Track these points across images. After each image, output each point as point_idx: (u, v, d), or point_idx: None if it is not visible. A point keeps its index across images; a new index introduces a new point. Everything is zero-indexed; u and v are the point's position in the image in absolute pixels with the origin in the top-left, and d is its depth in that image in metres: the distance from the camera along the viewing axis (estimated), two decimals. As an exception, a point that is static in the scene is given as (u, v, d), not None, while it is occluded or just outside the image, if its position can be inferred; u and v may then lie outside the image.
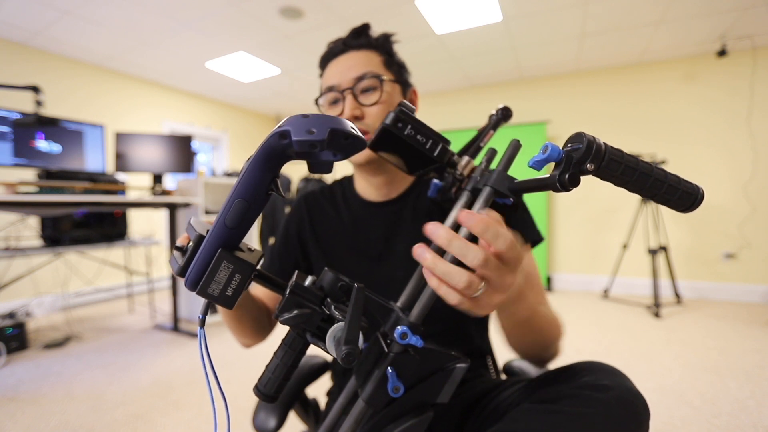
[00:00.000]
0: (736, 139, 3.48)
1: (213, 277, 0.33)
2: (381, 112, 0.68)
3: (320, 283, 0.39)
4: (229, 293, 0.34)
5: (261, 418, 0.68)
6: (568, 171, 0.34)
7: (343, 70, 0.68)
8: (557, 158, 0.34)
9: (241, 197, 0.33)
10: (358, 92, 0.68)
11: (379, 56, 0.70)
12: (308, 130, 0.29)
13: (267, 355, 0.42)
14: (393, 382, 0.38)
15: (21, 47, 3.25)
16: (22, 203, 1.98)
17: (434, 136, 0.44)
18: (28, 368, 2.16)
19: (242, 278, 0.34)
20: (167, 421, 1.64)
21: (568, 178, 0.34)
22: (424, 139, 0.43)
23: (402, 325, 0.38)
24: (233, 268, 0.33)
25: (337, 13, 2.86)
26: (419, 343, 0.38)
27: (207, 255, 0.33)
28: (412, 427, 0.39)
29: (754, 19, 2.93)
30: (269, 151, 0.32)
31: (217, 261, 0.33)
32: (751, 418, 1.58)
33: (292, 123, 0.30)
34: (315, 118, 0.30)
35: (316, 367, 0.83)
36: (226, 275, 0.33)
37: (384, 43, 0.71)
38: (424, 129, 0.44)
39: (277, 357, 0.40)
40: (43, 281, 3.11)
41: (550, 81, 4.22)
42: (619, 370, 0.54)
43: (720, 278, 3.56)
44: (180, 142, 2.92)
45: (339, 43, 0.70)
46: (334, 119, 0.30)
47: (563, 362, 0.61)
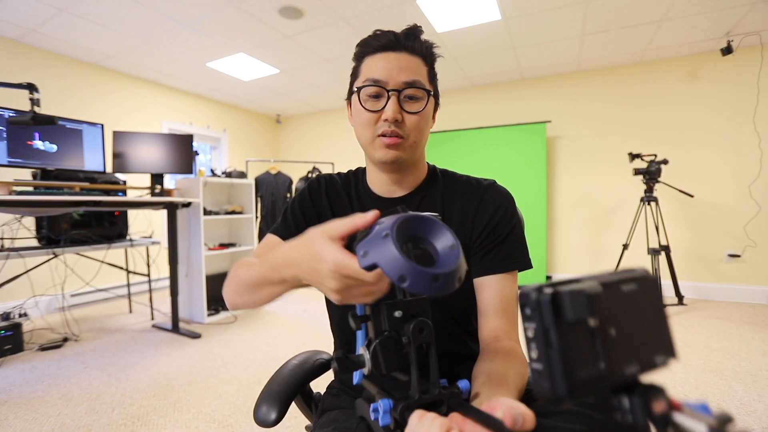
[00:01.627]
0: (742, 137, 3.46)
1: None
2: (418, 123, 0.68)
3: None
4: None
5: (262, 412, 0.69)
6: None
7: (394, 68, 0.66)
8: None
9: None
10: (403, 96, 0.68)
11: (425, 66, 0.70)
12: (365, 252, 0.37)
13: (266, 356, 0.39)
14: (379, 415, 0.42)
15: (15, 44, 3.23)
16: (17, 202, 1.95)
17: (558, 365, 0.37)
18: (22, 370, 2.13)
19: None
20: (166, 422, 1.62)
21: None
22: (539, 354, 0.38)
23: (388, 400, 0.42)
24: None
25: (337, 13, 2.84)
26: (382, 422, 0.42)
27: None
28: None
29: (763, 14, 2.89)
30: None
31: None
32: (760, 423, 1.55)
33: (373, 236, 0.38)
34: (385, 254, 0.36)
35: (319, 363, 0.84)
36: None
37: (430, 54, 0.71)
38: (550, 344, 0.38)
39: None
40: (40, 282, 3.08)
41: (550, 81, 4.20)
42: None
43: (723, 279, 3.54)
44: (180, 142, 2.90)
45: (390, 36, 0.68)
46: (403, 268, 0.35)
47: None
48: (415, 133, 0.68)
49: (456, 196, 0.74)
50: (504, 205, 0.72)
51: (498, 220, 0.71)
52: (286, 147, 6.06)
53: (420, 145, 0.71)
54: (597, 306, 0.24)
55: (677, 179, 3.50)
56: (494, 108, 4.44)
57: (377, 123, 0.68)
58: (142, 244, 2.86)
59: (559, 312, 0.24)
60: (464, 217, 0.73)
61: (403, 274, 0.34)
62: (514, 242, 0.72)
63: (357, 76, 0.71)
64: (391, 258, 0.35)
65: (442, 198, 0.76)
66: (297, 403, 0.82)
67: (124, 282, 3.55)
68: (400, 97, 0.67)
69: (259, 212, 4.24)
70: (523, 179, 4.07)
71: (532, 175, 4.04)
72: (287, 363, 0.83)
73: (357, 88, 0.69)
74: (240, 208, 3.43)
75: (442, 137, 4.41)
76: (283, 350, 2.43)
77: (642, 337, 0.27)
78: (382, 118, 0.67)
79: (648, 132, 3.79)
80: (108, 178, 2.71)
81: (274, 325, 2.96)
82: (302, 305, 3.51)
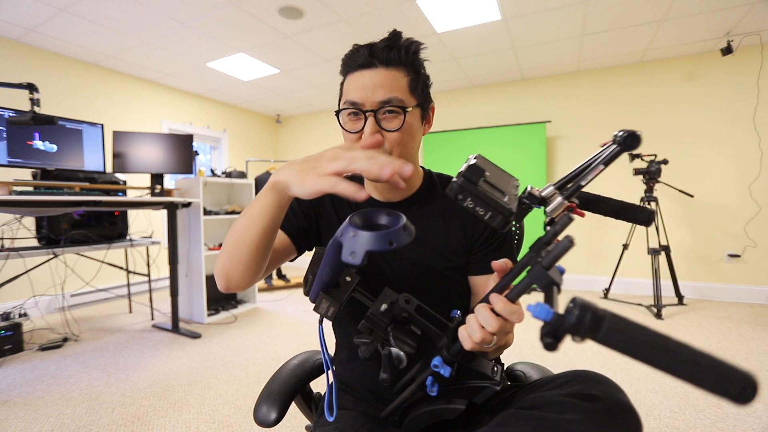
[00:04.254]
0: (742, 138, 3.46)
1: (319, 304, 0.54)
2: (400, 139, 0.69)
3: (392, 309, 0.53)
4: (329, 314, 0.54)
5: (262, 412, 0.70)
6: (553, 338, 0.36)
7: (369, 88, 0.66)
8: (545, 319, 0.36)
9: (330, 267, 0.53)
10: (380, 115, 0.67)
11: (406, 76, 0.69)
12: (351, 252, 0.45)
13: (266, 356, 0.40)
14: (431, 387, 0.53)
15: (15, 44, 3.23)
16: (17, 202, 1.95)
17: (495, 207, 0.45)
18: (22, 370, 2.13)
19: (334, 309, 0.54)
20: (166, 422, 1.62)
21: (547, 345, 0.35)
22: (483, 210, 0.45)
23: (439, 357, 0.52)
24: (329, 302, 0.54)
25: (337, 13, 2.84)
26: (446, 373, 0.51)
27: (315, 291, 0.55)
28: (445, 410, 0.55)
29: (763, 14, 2.89)
30: (335, 253, 0.50)
31: (320, 298, 0.55)
32: (759, 423, 1.55)
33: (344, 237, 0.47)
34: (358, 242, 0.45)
35: (320, 362, 0.85)
36: (326, 305, 0.54)
37: (413, 60, 0.70)
38: (486, 200, 0.45)
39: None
40: (40, 282, 3.08)
41: (550, 81, 4.20)
42: (614, 382, 0.55)
43: (723, 279, 3.54)
44: (180, 142, 2.90)
45: (365, 52, 0.67)
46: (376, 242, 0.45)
47: (562, 361, 0.63)
48: (398, 148, 0.69)
49: (456, 204, 0.75)
50: None
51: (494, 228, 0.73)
52: (286, 147, 6.06)
53: (407, 156, 0.71)
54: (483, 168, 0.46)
55: (677, 179, 3.50)
56: (494, 108, 4.44)
57: (359, 142, 0.68)
58: (142, 244, 2.86)
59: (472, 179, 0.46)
60: (465, 219, 0.76)
61: (390, 239, 0.44)
62: (510, 244, 0.79)
63: (341, 95, 0.72)
64: (374, 239, 0.45)
65: (443, 206, 0.79)
66: (297, 403, 0.82)
67: (124, 282, 3.56)
68: (377, 116, 0.67)
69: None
70: (523, 179, 4.04)
71: (532, 175, 4.04)
72: (287, 363, 0.84)
73: (337, 111, 0.71)
74: (240, 208, 3.43)
75: (442, 137, 4.41)
76: (283, 350, 2.43)
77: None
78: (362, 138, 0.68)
79: (648, 132, 3.78)
80: (108, 178, 2.71)
81: (274, 325, 2.96)
82: (302, 305, 3.51)
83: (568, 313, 0.34)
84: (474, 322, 0.48)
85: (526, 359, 0.90)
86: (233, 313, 3.22)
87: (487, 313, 0.47)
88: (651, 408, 1.68)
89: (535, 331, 1.73)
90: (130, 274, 3.24)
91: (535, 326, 0.38)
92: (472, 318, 0.48)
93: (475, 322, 0.48)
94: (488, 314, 0.47)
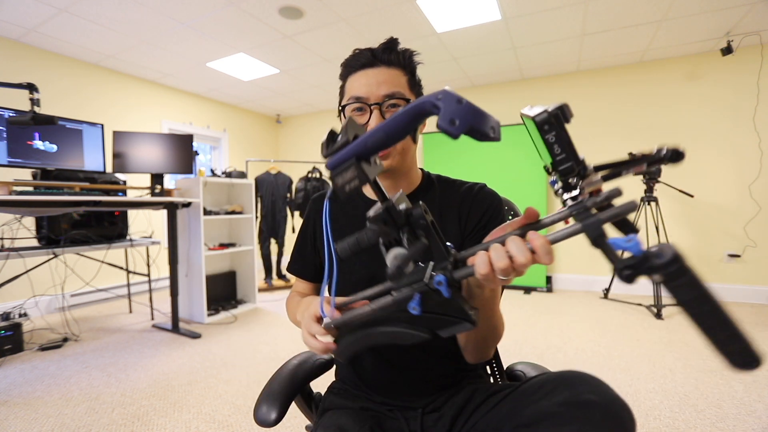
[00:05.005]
0: (742, 137, 3.46)
1: (342, 171, 0.45)
2: None
3: (411, 212, 0.49)
4: (347, 188, 0.45)
5: (262, 412, 0.70)
6: (634, 270, 0.36)
7: (373, 83, 0.71)
8: (635, 252, 0.37)
9: (384, 131, 0.44)
10: (384, 108, 0.72)
11: (405, 75, 0.75)
12: (451, 120, 0.38)
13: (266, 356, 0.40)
14: (414, 303, 0.49)
15: (15, 44, 3.23)
16: (17, 202, 1.95)
17: (571, 154, 0.45)
18: (22, 370, 2.13)
19: (358, 185, 0.45)
20: (166, 422, 1.62)
21: (626, 276, 0.36)
22: (560, 150, 0.45)
23: (443, 275, 0.48)
24: (356, 174, 0.44)
25: (337, 13, 2.84)
26: (446, 294, 0.48)
27: (346, 155, 0.45)
28: (408, 334, 0.51)
29: (763, 14, 2.89)
30: (420, 110, 0.41)
31: (349, 164, 0.45)
32: (759, 423, 1.55)
33: (446, 103, 0.39)
34: (463, 111, 0.38)
35: (320, 362, 0.85)
36: (350, 176, 0.45)
37: (409, 62, 0.76)
38: (566, 143, 0.44)
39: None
40: (40, 282, 3.08)
41: (550, 81, 4.20)
42: (600, 379, 0.55)
43: (724, 279, 3.54)
44: (180, 142, 2.90)
45: (368, 53, 0.73)
46: (478, 118, 0.38)
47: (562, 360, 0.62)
48: (401, 141, 0.71)
49: (452, 200, 0.79)
50: (493, 205, 0.78)
51: (489, 218, 0.76)
52: (286, 147, 6.06)
53: (408, 152, 0.76)
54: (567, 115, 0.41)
55: (677, 179, 3.50)
56: (494, 108, 4.44)
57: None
58: (142, 244, 2.86)
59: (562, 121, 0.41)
60: (459, 215, 0.78)
61: (493, 126, 0.40)
62: None
63: (343, 95, 0.77)
64: (485, 116, 0.40)
65: (440, 202, 0.80)
66: (297, 403, 0.82)
67: (124, 282, 3.56)
68: (382, 109, 0.72)
69: (259, 212, 4.24)
70: (523, 179, 4.07)
71: (532, 175, 4.04)
72: (287, 363, 0.84)
73: (342, 106, 0.76)
74: (240, 208, 3.43)
75: (442, 137, 4.40)
76: (283, 350, 2.43)
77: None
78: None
79: (648, 132, 3.78)
80: (108, 178, 2.71)
81: (274, 325, 2.96)
82: (302, 305, 3.51)
83: (660, 252, 0.35)
84: (501, 250, 0.46)
85: (526, 359, 0.90)
86: (233, 313, 3.22)
87: (522, 245, 0.45)
88: (651, 408, 1.68)
89: (534, 330, 1.75)
90: (130, 274, 3.24)
91: (534, 325, 0.39)
92: (498, 246, 0.46)
93: (502, 250, 0.46)
94: (523, 246, 0.45)
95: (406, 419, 0.72)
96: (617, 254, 0.38)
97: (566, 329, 2.72)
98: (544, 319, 2.96)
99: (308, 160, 5.35)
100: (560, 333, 2.65)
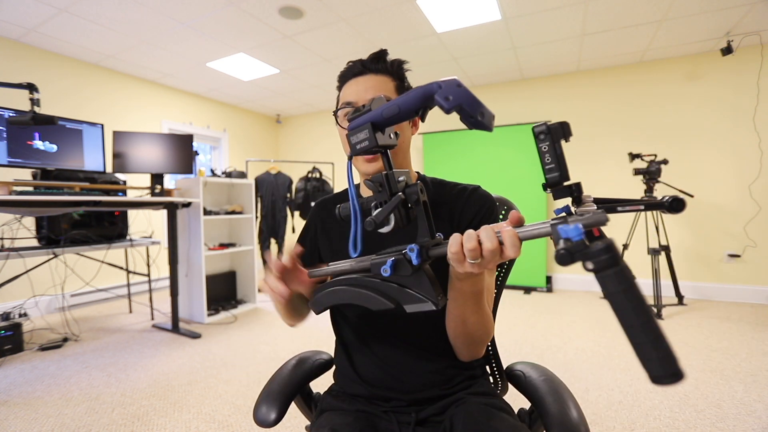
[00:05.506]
0: (742, 138, 3.46)
1: (357, 133, 0.53)
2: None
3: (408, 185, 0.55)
4: (358, 147, 0.54)
5: (262, 412, 0.70)
6: (568, 253, 0.39)
7: (361, 89, 0.77)
8: (574, 238, 0.40)
9: (398, 105, 0.51)
10: None
11: (393, 81, 0.80)
12: (446, 97, 0.45)
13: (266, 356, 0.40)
14: (386, 267, 0.54)
15: (15, 44, 3.23)
16: (17, 202, 1.95)
17: (559, 166, 0.48)
18: (22, 370, 2.13)
19: (368, 146, 0.53)
20: (166, 422, 1.62)
21: (560, 257, 0.39)
22: (549, 160, 0.49)
23: (418, 245, 0.53)
24: (368, 136, 0.53)
25: (337, 13, 2.84)
26: (415, 262, 0.53)
27: (362, 121, 0.53)
28: (376, 299, 0.56)
29: (763, 14, 2.89)
30: (427, 90, 0.48)
31: (363, 127, 0.53)
32: (759, 423, 1.55)
33: (447, 85, 0.46)
34: (459, 92, 0.44)
35: (319, 363, 0.86)
36: (363, 137, 0.53)
37: (398, 70, 0.81)
38: (556, 155, 0.48)
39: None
40: (40, 282, 3.09)
41: (550, 81, 4.20)
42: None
43: (723, 279, 3.54)
44: (180, 142, 2.90)
45: (358, 64, 0.79)
46: (470, 102, 0.44)
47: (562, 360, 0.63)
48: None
49: (445, 201, 0.81)
50: (486, 206, 0.79)
51: (480, 218, 0.77)
52: (286, 147, 6.06)
53: (399, 152, 0.79)
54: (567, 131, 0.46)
55: (677, 179, 3.50)
56: (494, 108, 4.41)
57: None
58: (142, 244, 2.86)
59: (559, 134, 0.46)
60: (452, 216, 0.79)
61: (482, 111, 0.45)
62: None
63: (338, 102, 0.83)
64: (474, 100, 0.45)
65: (432, 202, 0.81)
66: (297, 403, 0.82)
67: (124, 282, 3.56)
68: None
69: (259, 212, 4.24)
70: (523, 179, 4.07)
71: (532, 175, 4.04)
72: (287, 363, 0.84)
73: (334, 112, 0.82)
74: (240, 208, 3.43)
75: (442, 137, 4.41)
76: (283, 350, 2.43)
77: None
78: None
79: (648, 132, 3.79)
80: (108, 178, 2.71)
81: (274, 325, 2.96)
82: (302, 305, 3.51)
83: (595, 243, 0.38)
84: (473, 234, 0.50)
85: (526, 359, 0.90)
86: (233, 313, 3.22)
87: (491, 232, 0.49)
88: (651, 408, 1.68)
89: (534, 330, 1.76)
90: (130, 274, 3.25)
91: (534, 325, 0.39)
92: (471, 231, 0.50)
93: (474, 234, 0.50)
94: (492, 234, 0.49)
95: (399, 424, 0.73)
96: (562, 240, 0.41)
97: (566, 329, 2.72)
98: (544, 319, 2.96)
99: (308, 160, 5.34)
100: (560, 333, 2.65)
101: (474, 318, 0.70)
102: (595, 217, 0.41)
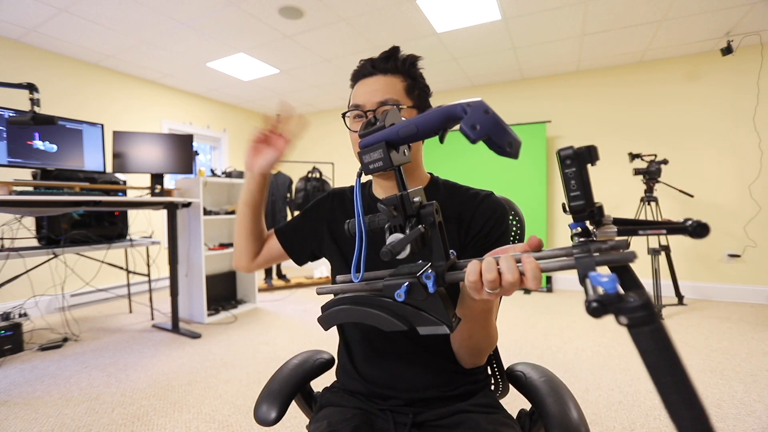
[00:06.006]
0: (742, 138, 3.46)
1: (370, 152, 0.50)
2: None
3: (422, 206, 0.52)
4: (371, 166, 0.51)
5: (262, 411, 0.70)
6: (602, 305, 0.36)
7: (369, 92, 0.76)
8: (608, 290, 0.37)
9: (416, 124, 0.48)
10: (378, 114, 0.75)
11: (403, 81, 0.77)
12: (473, 125, 0.43)
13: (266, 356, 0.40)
14: (401, 291, 0.51)
15: (15, 44, 3.23)
16: (17, 202, 1.95)
17: (585, 193, 0.44)
18: (22, 370, 2.13)
19: (381, 166, 0.50)
20: (166, 422, 1.62)
21: (593, 310, 0.36)
22: (575, 186, 0.45)
23: (433, 272, 0.50)
24: (382, 156, 0.50)
25: (337, 13, 2.84)
26: (431, 289, 0.50)
27: (375, 139, 0.50)
28: (388, 320, 0.54)
29: (763, 14, 2.89)
30: (451, 113, 0.47)
31: (377, 146, 0.50)
32: (759, 423, 1.55)
33: (473, 110, 0.44)
34: (487, 120, 0.42)
35: (320, 362, 0.86)
36: (377, 157, 0.50)
37: (409, 69, 0.78)
38: (582, 182, 0.44)
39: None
40: (40, 282, 3.08)
41: (550, 81, 4.20)
42: None
43: (723, 279, 3.54)
44: (180, 142, 2.90)
45: (368, 64, 0.78)
46: (498, 132, 0.42)
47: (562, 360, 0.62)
48: None
49: (455, 204, 0.79)
50: (497, 213, 0.77)
51: (491, 226, 0.75)
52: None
53: (411, 162, 0.78)
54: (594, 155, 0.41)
55: (677, 179, 3.50)
56: (494, 108, 4.39)
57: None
58: (142, 244, 2.86)
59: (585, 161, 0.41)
60: (461, 221, 0.78)
61: (510, 142, 0.43)
62: (507, 239, 0.79)
63: (350, 102, 0.82)
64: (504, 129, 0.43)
65: (442, 206, 0.79)
66: (297, 403, 0.83)
67: (124, 282, 3.56)
68: (376, 115, 0.74)
69: (259, 212, 4.24)
70: (523, 179, 4.07)
71: (532, 175, 4.04)
72: (287, 363, 0.84)
73: (343, 114, 0.80)
74: (240, 208, 3.43)
75: (442, 137, 4.40)
76: (283, 350, 2.43)
77: None
78: None
79: (648, 132, 3.79)
80: (108, 178, 2.71)
81: (274, 325, 2.96)
82: (302, 305, 3.51)
83: (630, 296, 0.36)
84: (493, 263, 0.47)
85: (526, 359, 0.90)
86: (233, 313, 3.22)
87: (512, 264, 0.47)
88: (651, 408, 1.68)
89: (534, 330, 1.76)
90: (130, 274, 3.24)
91: (534, 325, 0.39)
92: (491, 260, 0.48)
93: (494, 264, 0.47)
94: (513, 266, 0.47)
95: (395, 424, 0.73)
96: (594, 288, 0.39)
97: (566, 329, 2.72)
98: (544, 319, 2.96)
99: (308, 160, 5.34)
100: (560, 333, 2.65)
101: (482, 333, 0.70)
102: (623, 256, 0.39)
